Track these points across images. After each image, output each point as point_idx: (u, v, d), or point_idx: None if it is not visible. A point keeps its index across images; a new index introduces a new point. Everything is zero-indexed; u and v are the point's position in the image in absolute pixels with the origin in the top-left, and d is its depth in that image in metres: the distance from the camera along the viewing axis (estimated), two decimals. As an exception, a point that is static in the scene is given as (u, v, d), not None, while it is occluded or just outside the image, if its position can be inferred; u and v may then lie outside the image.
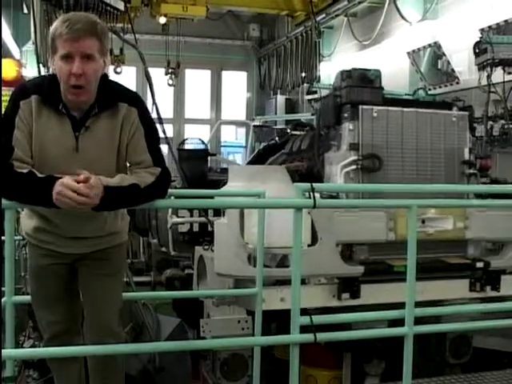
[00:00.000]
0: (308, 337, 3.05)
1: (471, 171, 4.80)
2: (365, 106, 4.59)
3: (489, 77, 7.79)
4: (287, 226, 3.07)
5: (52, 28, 2.87)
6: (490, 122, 8.36)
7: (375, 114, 4.59)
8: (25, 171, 2.74)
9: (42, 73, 6.07)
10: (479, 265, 4.43)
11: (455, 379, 4.22)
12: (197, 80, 19.29)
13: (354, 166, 4.56)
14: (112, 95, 3.00)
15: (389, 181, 4.51)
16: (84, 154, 2.95)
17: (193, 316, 4.96)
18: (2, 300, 3.33)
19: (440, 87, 10.37)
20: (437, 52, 10.45)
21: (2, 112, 2.96)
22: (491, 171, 5.19)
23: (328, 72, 14.61)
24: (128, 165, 3.08)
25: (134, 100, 3.05)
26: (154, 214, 6.27)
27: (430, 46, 10.52)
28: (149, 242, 7.30)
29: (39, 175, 2.73)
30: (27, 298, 3.45)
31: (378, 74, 4.76)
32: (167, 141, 5.58)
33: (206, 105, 19.65)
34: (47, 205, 2.70)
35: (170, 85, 15.05)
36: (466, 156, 4.82)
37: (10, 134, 2.83)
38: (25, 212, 3.32)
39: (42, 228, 3.17)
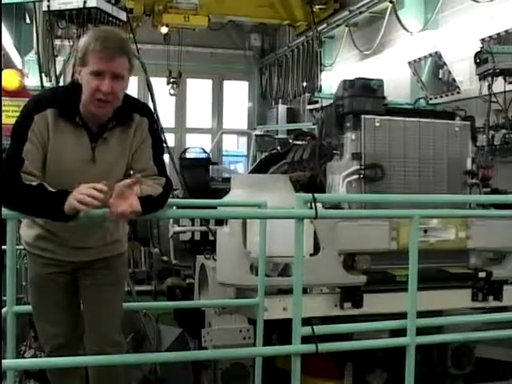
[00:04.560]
0: (309, 347, 3.03)
1: (473, 181, 4.80)
2: (367, 116, 4.59)
3: (490, 86, 7.81)
4: (289, 236, 3.06)
5: (83, 41, 2.88)
6: (492, 132, 8.37)
7: (378, 124, 4.59)
8: (34, 184, 2.74)
9: (45, 83, 6.08)
10: (481, 275, 4.41)
11: (457, 390, 4.21)
12: (198, 89, 19.34)
13: (356, 176, 4.56)
14: (127, 108, 3.03)
15: (391, 190, 4.51)
16: (99, 165, 2.98)
17: (194, 325, 4.94)
18: (3, 310, 3.32)
19: (441, 97, 10.37)
20: (438, 62, 10.47)
21: (3, 122, 2.96)
22: (493, 181, 5.17)
23: (329, 81, 14.62)
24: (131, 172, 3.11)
25: (145, 110, 3.12)
26: (156, 223, 6.26)
27: (430, 55, 10.54)
28: (150, 252, 7.29)
29: (49, 189, 2.73)
30: (28, 307, 3.44)
31: (380, 83, 4.76)
32: (168, 150, 5.59)
33: (207, 114, 19.69)
34: (56, 219, 2.72)
35: (171, 94, 15.15)
36: (469, 166, 4.82)
37: (21, 147, 2.83)
38: (25, 221, 3.31)
39: (43, 236, 3.18)
